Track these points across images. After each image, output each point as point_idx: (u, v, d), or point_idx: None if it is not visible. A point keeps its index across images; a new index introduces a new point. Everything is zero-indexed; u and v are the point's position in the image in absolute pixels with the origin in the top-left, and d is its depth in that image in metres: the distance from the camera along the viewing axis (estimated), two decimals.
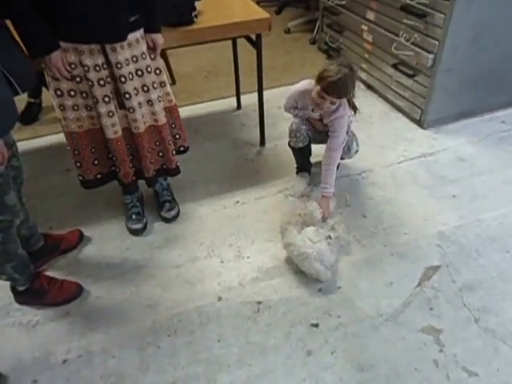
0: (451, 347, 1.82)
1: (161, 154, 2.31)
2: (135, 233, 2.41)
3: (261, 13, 2.52)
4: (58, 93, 1.96)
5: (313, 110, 2.33)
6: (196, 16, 2.38)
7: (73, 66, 1.89)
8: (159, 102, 2.14)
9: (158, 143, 2.27)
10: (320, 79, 2.11)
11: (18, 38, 1.72)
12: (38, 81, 2.85)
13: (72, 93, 1.97)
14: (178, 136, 2.36)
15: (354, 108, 2.34)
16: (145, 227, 2.43)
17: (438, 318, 1.93)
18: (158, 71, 2.10)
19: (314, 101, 2.20)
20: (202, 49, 3.84)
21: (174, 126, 2.32)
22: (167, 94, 2.20)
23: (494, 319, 1.92)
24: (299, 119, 2.43)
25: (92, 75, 1.90)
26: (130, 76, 1.97)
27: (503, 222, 2.37)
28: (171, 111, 2.26)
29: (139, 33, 1.95)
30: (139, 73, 2.01)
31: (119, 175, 2.27)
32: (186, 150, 2.44)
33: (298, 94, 2.35)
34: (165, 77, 2.15)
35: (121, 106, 2.06)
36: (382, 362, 1.78)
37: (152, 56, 2.05)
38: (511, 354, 1.79)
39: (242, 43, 2.97)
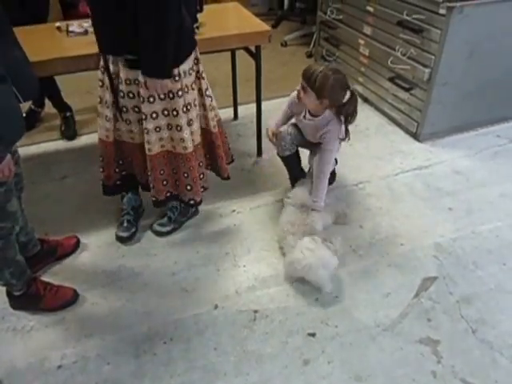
0: (449, 358, 1.82)
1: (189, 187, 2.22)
2: (120, 240, 2.38)
3: (261, 25, 2.56)
4: (98, 100, 2.02)
5: (305, 117, 2.34)
6: (197, 27, 2.39)
7: (113, 76, 1.91)
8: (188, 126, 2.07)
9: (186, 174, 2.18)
10: (303, 73, 2.16)
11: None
12: (42, 91, 2.89)
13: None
14: (189, 187, 2.22)
15: (346, 132, 2.30)
16: (131, 236, 2.39)
17: (435, 330, 1.93)
18: (174, 112, 1.99)
19: (298, 95, 2.24)
20: None
21: (186, 175, 2.18)
22: (182, 139, 2.07)
23: (491, 331, 1.92)
24: (284, 130, 2.43)
25: (123, 87, 1.93)
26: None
27: (499, 235, 2.38)
28: (185, 159, 2.12)
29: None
30: (154, 115, 1.97)
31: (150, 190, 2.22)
32: (197, 203, 2.30)
33: (293, 100, 2.37)
34: (181, 121, 2.01)
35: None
36: (380, 371, 1.77)
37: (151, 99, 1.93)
38: (509, 365, 1.79)
39: (237, 55, 2.98)
